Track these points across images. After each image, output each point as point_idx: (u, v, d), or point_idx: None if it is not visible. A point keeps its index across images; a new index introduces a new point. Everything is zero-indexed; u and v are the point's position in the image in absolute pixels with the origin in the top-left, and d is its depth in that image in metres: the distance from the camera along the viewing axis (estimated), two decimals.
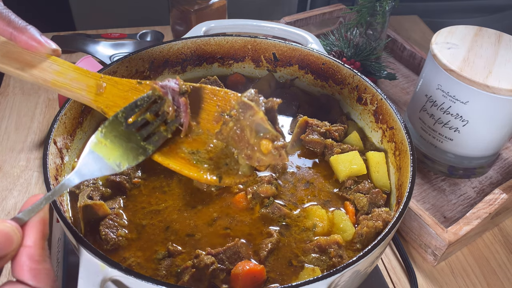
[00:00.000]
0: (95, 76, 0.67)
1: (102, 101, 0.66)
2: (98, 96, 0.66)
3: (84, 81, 0.66)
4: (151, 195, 0.79)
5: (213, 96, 0.68)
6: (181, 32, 1.37)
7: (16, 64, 0.63)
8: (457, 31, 1.01)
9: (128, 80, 0.68)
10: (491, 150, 1.01)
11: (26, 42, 0.61)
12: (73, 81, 0.65)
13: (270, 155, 0.57)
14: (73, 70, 0.67)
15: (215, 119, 0.66)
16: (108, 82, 0.67)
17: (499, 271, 0.92)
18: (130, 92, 0.66)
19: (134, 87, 0.67)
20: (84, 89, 0.66)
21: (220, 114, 0.66)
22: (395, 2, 1.20)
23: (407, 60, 1.41)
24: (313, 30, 1.45)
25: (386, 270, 0.90)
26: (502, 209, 0.94)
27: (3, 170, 1.04)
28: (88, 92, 0.66)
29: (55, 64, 0.66)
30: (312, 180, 0.84)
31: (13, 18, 0.60)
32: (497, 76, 0.89)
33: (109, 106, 0.65)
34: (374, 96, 0.90)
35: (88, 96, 0.66)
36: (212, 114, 0.67)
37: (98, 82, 0.67)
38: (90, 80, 0.67)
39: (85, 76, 0.67)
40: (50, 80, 0.64)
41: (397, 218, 0.67)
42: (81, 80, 0.66)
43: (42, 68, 0.64)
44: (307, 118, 0.92)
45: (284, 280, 0.69)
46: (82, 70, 0.67)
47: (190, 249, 0.71)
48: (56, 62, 0.66)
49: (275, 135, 0.58)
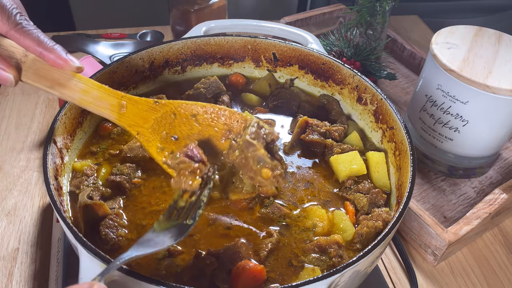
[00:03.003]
0: (117, 95, 0.71)
1: (125, 120, 0.70)
2: (121, 115, 0.70)
3: (107, 100, 0.70)
4: (151, 195, 0.79)
5: (220, 116, 0.73)
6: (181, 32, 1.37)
7: (46, 83, 0.67)
8: (457, 31, 1.01)
9: (146, 99, 0.72)
10: (491, 150, 1.01)
11: (54, 61, 0.65)
12: (97, 100, 0.69)
13: (269, 180, 0.66)
14: (97, 88, 0.70)
15: (223, 135, 0.72)
16: (128, 102, 0.71)
17: (499, 271, 0.92)
18: (148, 112, 0.71)
19: (152, 107, 0.71)
20: (108, 108, 0.70)
21: (227, 134, 0.72)
22: (395, 2, 1.20)
23: (407, 60, 1.41)
24: (313, 30, 1.45)
25: (386, 270, 0.90)
26: (502, 209, 0.94)
27: (3, 170, 1.04)
28: (112, 111, 0.70)
29: (80, 82, 0.69)
30: (312, 180, 0.84)
31: (43, 38, 0.64)
32: (497, 76, 0.89)
33: (131, 125, 0.70)
34: (374, 96, 0.90)
35: (112, 115, 0.70)
36: (220, 132, 0.72)
37: (119, 101, 0.70)
38: (113, 99, 0.70)
39: (108, 95, 0.70)
40: (77, 98, 0.69)
41: (397, 218, 0.67)
42: (104, 99, 0.70)
43: (69, 86, 0.68)
44: (307, 118, 0.92)
45: (284, 280, 0.69)
46: (105, 89, 0.70)
47: (190, 249, 0.71)
48: (81, 80, 0.69)
49: (274, 165, 0.66)
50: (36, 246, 0.90)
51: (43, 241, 0.90)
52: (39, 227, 0.93)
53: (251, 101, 1.00)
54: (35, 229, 0.92)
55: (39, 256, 0.88)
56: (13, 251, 0.88)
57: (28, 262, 0.87)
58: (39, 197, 0.99)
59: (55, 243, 0.86)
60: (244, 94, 1.01)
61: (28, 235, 0.91)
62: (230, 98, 0.98)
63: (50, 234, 0.90)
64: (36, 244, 0.90)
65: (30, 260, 0.87)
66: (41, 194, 1.00)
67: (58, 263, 0.83)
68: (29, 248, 0.89)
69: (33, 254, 0.88)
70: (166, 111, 0.72)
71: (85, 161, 0.83)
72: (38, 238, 0.91)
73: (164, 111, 0.71)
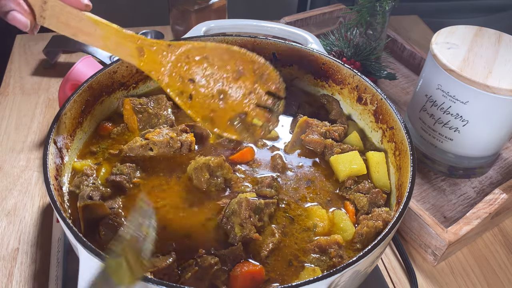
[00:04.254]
0: (133, 38, 0.71)
1: (146, 66, 0.72)
2: (142, 61, 0.72)
3: (126, 46, 0.72)
4: (150, 195, 0.79)
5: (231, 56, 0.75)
6: (181, 32, 1.37)
7: (70, 30, 0.70)
8: (457, 31, 1.01)
9: (158, 42, 0.73)
10: (491, 150, 1.01)
11: None
12: (118, 46, 0.71)
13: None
14: (114, 34, 0.71)
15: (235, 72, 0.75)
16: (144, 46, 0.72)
17: (499, 271, 0.92)
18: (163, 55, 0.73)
19: (166, 49, 0.73)
20: (129, 54, 0.72)
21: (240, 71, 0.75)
22: (395, 2, 1.20)
23: (407, 60, 1.41)
24: (313, 30, 1.45)
25: (386, 270, 0.90)
26: (502, 209, 0.94)
27: (3, 170, 1.04)
28: (133, 57, 0.72)
29: (99, 29, 0.71)
30: (313, 179, 0.85)
31: None
32: (497, 76, 0.89)
33: (151, 71, 0.73)
34: (374, 96, 0.90)
35: (134, 61, 0.72)
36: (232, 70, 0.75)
37: (137, 45, 0.72)
38: (131, 44, 0.72)
39: (125, 40, 0.71)
40: (101, 46, 0.71)
41: (397, 218, 0.67)
42: (124, 44, 0.71)
43: (91, 34, 0.71)
44: (307, 118, 0.92)
45: (285, 280, 0.69)
46: (122, 34, 0.71)
47: (190, 249, 0.71)
48: (99, 25, 0.71)
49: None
50: (36, 246, 0.90)
51: (43, 241, 0.90)
52: (39, 227, 0.93)
53: None
54: (35, 229, 0.92)
55: (39, 256, 0.88)
56: (13, 251, 0.88)
57: (28, 262, 0.87)
58: (39, 197, 0.99)
59: (55, 243, 0.86)
60: None
61: (28, 235, 0.91)
62: None
63: (50, 234, 0.90)
64: (36, 244, 0.90)
65: (30, 260, 0.87)
66: (41, 194, 1.00)
67: (58, 263, 0.83)
68: (29, 248, 0.89)
69: (33, 254, 0.88)
70: (180, 54, 0.74)
71: (85, 161, 0.83)
72: (38, 238, 0.91)
73: (178, 55, 0.73)
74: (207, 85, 0.74)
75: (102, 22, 0.71)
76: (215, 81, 0.74)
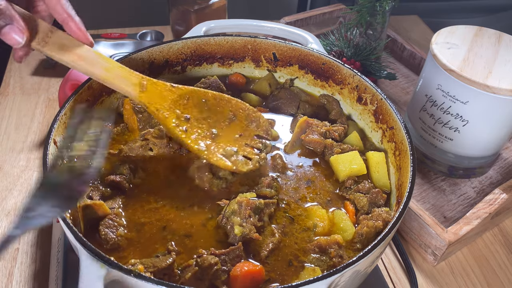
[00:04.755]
0: (137, 75, 0.78)
1: (145, 98, 0.78)
2: (142, 93, 0.78)
3: (129, 79, 0.77)
4: (150, 194, 0.79)
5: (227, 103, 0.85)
6: (181, 32, 1.37)
7: (70, 56, 0.73)
8: (457, 31, 1.01)
9: (164, 82, 0.80)
10: (491, 150, 1.01)
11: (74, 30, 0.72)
12: (120, 78, 0.76)
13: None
14: (119, 68, 0.77)
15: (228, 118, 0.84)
16: (148, 82, 0.79)
17: (499, 271, 0.92)
18: (166, 92, 0.80)
19: (169, 89, 0.80)
20: (130, 86, 0.77)
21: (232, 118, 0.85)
22: (395, 2, 1.20)
23: (407, 60, 1.41)
24: (313, 30, 1.45)
25: (386, 270, 0.90)
26: (502, 209, 0.94)
27: (3, 170, 1.04)
28: (134, 89, 0.77)
29: (103, 61, 0.76)
30: (313, 178, 0.85)
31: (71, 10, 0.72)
32: (497, 76, 0.89)
33: (151, 102, 0.78)
34: (374, 96, 0.90)
35: (134, 92, 0.77)
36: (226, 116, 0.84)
37: (140, 81, 0.78)
38: (134, 78, 0.78)
39: (129, 75, 0.77)
40: (100, 74, 0.75)
41: (397, 218, 0.67)
42: (126, 77, 0.77)
43: (93, 63, 0.75)
44: (307, 118, 0.92)
45: (285, 280, 0.69)
46: (126, 69, 0.77)
47: (190, 249, 0.71)
48: (103, 58, 0.76)
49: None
50: (36, 246, 0.89)
51: (43, 241, 0.90)
52: (39, 227, 0.93)
53: (251, 101, 1.00)
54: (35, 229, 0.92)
55: (39, 256, 0.88)
56: (13, 251, 0.88)
57: (28, 262, 0.87)
58: None
59: (55, 243, 0.86)
60: (244, 94, 1.01)
61: (28, 235, 0.91)
62: None
63: (50, 234, 0.90)
64: (36, 244, 0.90)
65: (30, 260, 0.87)
66: None
67: (58, 263, 0.83)
68: (29, 248, 0.89)
69: (33, 254, 0.88)
70: (180, 95, 0.81)
71: None
72: (38, 238, 0.91)
73: (179, 94, 0.81)
74: (201, 126, 0.81)
75: (106, 57, 0.76)
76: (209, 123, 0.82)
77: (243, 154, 0.81)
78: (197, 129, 0.80)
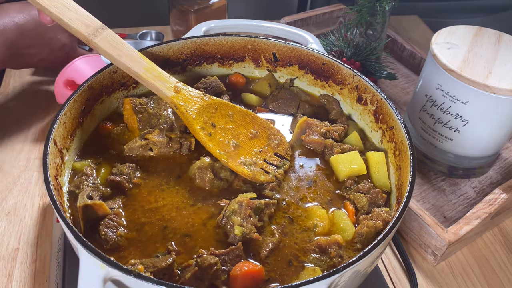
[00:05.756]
0: (174, 79, 0.84)
1: (178, 100, 0.82)
2: (176, 95, 0.82)
3: (165, 81, 0.83)
4: (150, 194, 0.79)
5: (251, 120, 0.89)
6: (181, 32, 1.37)
7: (116, 51, 0.80)
8: (457, 31, 1.01)
9: (196, 90, 0.85)
10: (491, 150, 1.01)
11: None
12: (157, 79, 0.82)
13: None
14: (157, 70, 0.83)
15: (251, 134, 0.88)
16: (182, 87, 0.84)
17: (499, 271, 0.92)
18: (197, 98, 0.84)
19: (199, 96, 0.85)
20: (165, 87, 0.82)
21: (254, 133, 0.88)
22: (395, 2, 1.20)
23: (407, 60, 1.41)
24: (313, 30, 1.45)
25: (386, 270, 0.90)
26: (502, 209, 0.94)
27: (3, 170, 1.04)
28: (168, 90, 0.82)
29: (145, 62, 0.82)
30: (315, 178, 0.85)
31: None
32: (497, 76, 0.89)
33: (181, 104, 0.82)
34: (374, 96, 0.90)
35: (168, 93, 0.82)
36: (248, 131, 0.88)
37: (176, 84, 0.83)
38: (170, 83, 0.83)
39: (167, 77, 0.83)
40: (140, 73, 0.81)
41: (397, 218, 0.67)
42: (163, 79, 0.83)
43: (136, 61, 0.81)
44: (307, 118, 0.92)
45: (285, 280, 0.69)
46: (164, 73, 0.83)
47: (190, 249, 0.71)
48: (145, 60, 0.82)
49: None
50: (36, 246, 0.90)
51: (43, 241, 0.90)
52: (39, 227, 0.93)
53: (251, 101, 1.00)
54: (35, 229, 0.92)
55: (39, 256, 0.88)
56: (13, 251, 0.88)
57: (28, 262, 0.87)
58: (39, 197, 0.99)
59: (55, 243, 0.86)
60: (244, 94, 1.01)
61: (28, 235, 0.91)
62: (230, 98, 0.98)
63: (50, 234, 0.90)
64: (36, 244, 0.90)
65: (30, 260, 0.87)
66: (41, 194, 1.00)
67: (58, 263, 0.83)
68: (29, 248, 0.89)
69: (33, 254, 0.88)
70: (210, 103, 0.85)
71: (85, 161, 0.83)
72: (38, 238, 0.91)
73: (209, 103, 0.85)
74: (224, 135, 0.85)
75: (148, 59, 0.82)
76: (232, 134, 0.85)
77: (261, 167, 0.83)
78: (220, 137, 0.84)
